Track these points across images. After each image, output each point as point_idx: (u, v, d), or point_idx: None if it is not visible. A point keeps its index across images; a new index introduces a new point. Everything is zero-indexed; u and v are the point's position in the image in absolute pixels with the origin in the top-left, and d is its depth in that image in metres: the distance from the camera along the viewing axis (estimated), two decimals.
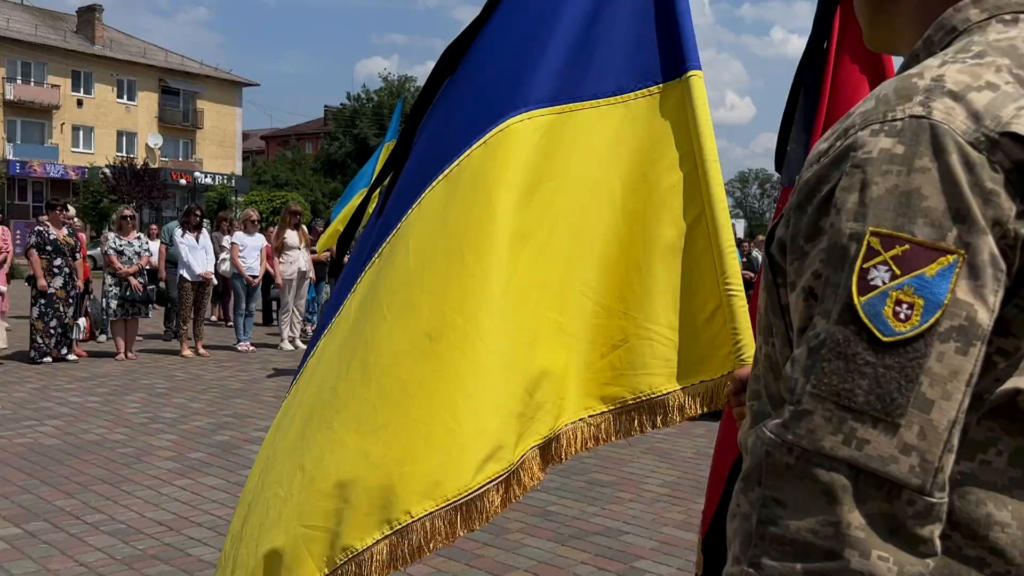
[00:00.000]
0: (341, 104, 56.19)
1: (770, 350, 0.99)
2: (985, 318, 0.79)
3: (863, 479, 0.78)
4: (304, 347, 10.09)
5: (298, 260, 11.73)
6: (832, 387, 0.80)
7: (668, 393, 1.84)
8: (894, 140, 0.82)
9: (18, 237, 23.65)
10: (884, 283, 0.80)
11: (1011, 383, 0.85)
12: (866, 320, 0.80)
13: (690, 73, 1.91)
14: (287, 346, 11.82)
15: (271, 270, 12.02)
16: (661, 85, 1.93)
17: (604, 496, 5.39)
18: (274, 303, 13.89)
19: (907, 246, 0.79)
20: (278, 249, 11.72)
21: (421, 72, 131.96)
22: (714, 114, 1.97)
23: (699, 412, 1.84)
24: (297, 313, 12.08)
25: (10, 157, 41.99)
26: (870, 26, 1.09)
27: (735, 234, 2.32)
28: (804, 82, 2.40)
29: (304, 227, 12.38)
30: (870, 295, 0.80)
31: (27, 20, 45.92)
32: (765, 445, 0.83)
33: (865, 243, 0.80)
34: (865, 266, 0.80)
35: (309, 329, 13.31)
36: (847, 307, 0.81)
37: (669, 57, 1.93)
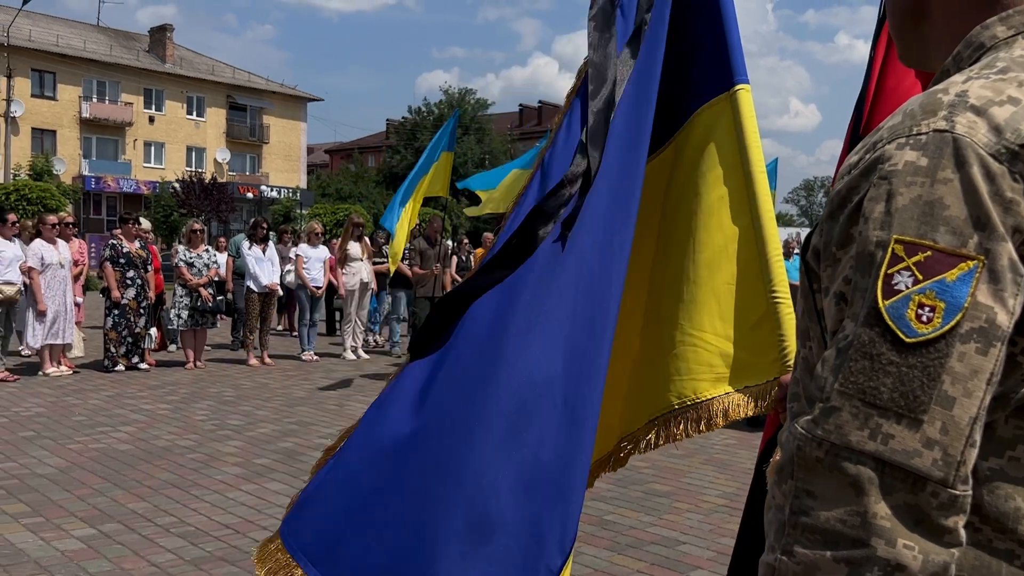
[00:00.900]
0: (403, 118, 56.91)
1: (807, 353, 1.03)
2: (1005, 320, 0.83)
3: (888, 472, 0.82)
4: (366, 356, 10.23)
5: (360, 271, 11.94)
6: (858, 385, 0.84)
7: (712, 398, 1.88)
8: (919, 153, 0.86)
9: (93, 250, 24.47)
10: (907, 287, 0.84)
11: None
12: (890, 322, 0.84)
13: (738, 87, 1.95)
14: (349, 355, 12.02)
15: (334, 281, 12.27)
16: (712, 101, 1.98)
17: (662, 506, 5.39)
18: (337, 313, 14.14)
19: (929, 252, 0.83)
20: (341, 260, 11.94)
21: (481, 84, 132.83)
22: (778, 121, 2.04)
23: (744, 416, 1.87)
24: (359, 323, 12.28)
25: (86, 173, 43.48)
26: (904, 44, 1.13)
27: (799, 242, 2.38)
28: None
29: (366, 239, 12.59)
30: (894, 299, 0.84)
31: (102, 41, 47.57)
32: (796, 440, 0.87)
33: (890, 250, 0.85)
34: (890, 272, 0.84)
35: (371, 339, 13.52)
36: (873, 310, 0.85)
37: (718, 72, 1.98)
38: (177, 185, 38.91)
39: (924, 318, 0.83)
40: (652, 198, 2.05)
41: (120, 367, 10.36)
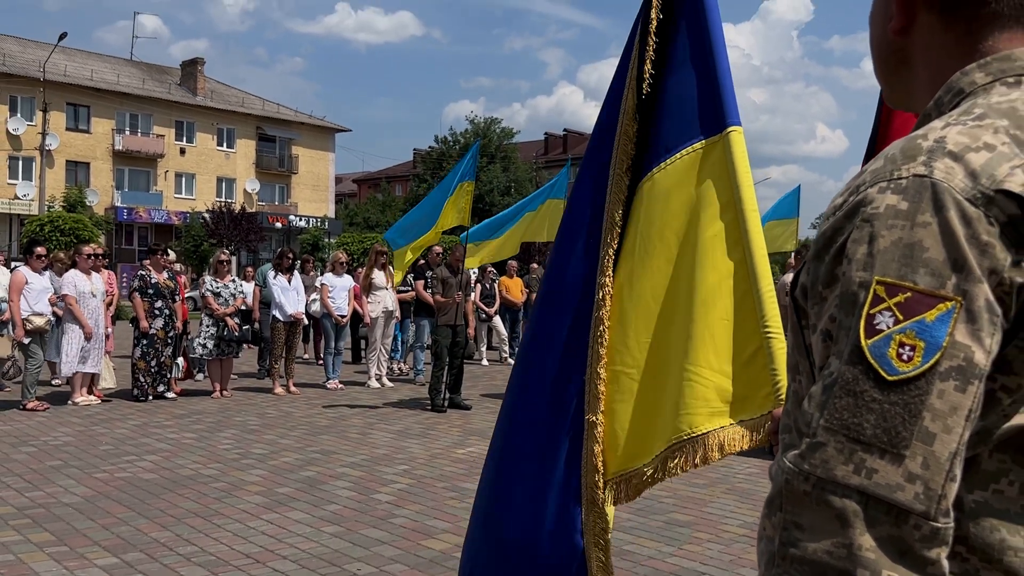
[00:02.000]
0: (429, 147, 57.39)
1: (797, 387, 1.07)
2: (982, 359, 0.86)
3: (872, 505, 0.84)
4: (390, 385, 10.33)
5: (385, 300, 12.03)
6: (843, 421, 0.87)
7: (708, 432, 1.90)
8: (899, 197, 0.89)
9: (124, 280, 24.83)
10: (889, 327, 0.87)
11: (1017, 419, 0.91)
12: (872, 361, 0.87)
13: (730, 129, 2.00)
14: (374, 384, 12.07)
15: (359, 309, 12.36)
16: (704, 141, 2.03)
17: (681, 536, 5.35)
18: (362, 342, 14.23)
19: (909, 294, 0.87)
20: (366, 289, 12.04)
21: (507, 113, 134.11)
22: (804, 147, 2.12)
23: (739, 450, 1.88)
24: (384, 351, 12.35)
25: (118, 204, 44.25)
26: (888, 88, 1.16)
27: None
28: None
29: (390, 267, 12.69)
30: (876, 338, 0.87)
31: (135, 75, 48.58)
32: (785, 474, 0.90)
33: (872, 291, 0.88)
34: (872, 312, 0.88)
35: (395, 367, 13.58)
36: (856, 348, 0.88)
37: (711, 114, 2.03)
38: (207, 215, 39.45)
39: (905, 357, 0.86)
40: (636, 232, 2.12)
41: (148, 396, 10.48)
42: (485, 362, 15.44)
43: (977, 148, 0.90)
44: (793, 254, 11.46)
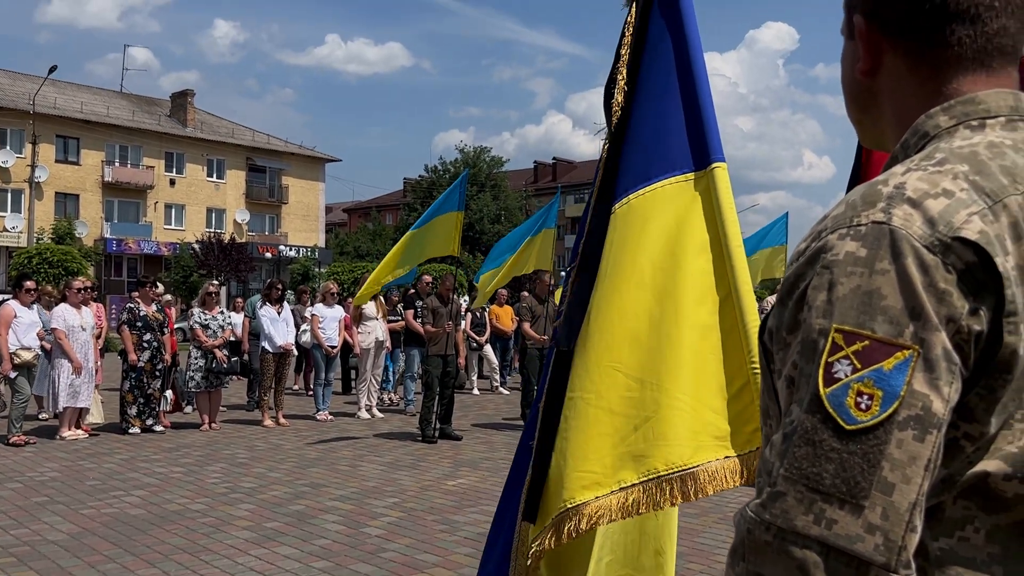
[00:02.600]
0: (419, 176, 57.62)
1: (768, 431, 1.06)
2: (940, 408, 0.85)
3: (833, 556, 0.83)
4: (380, 416, 10.30)
5: (375, 330, 12.00)
6: (802, 471, 0.87)
7: (698, 466, 1.88)
8: (858, 244, 0.89)
9: (113, 312, 24.72)
10: (847, 376, 0.86)
11: (981, 466, 0.91)
12: (831, 409, 0.86)
13: (715, 165, 2.01)
14: (364, 415, 12.01)
15: (350, 340, 12.33)
16: (689, 174, 2.04)
17: None
18: (353, 372, 14.18)
19: (867, 342, 0.86)
20: (356, 319, 12.02)
21: (496, 142, 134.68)
22: (792, 174, 2.14)
23: (729, 486, 1.87)
24: (374, 382, 12.31)
25: (107, 235, 44.15)
26: (859, 127, 1.17)
27: None
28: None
29: (381, 297, 12.67)
30: (834, 386, 0.87)
31: (125, 107, 48.68)
32: (747, 523, 0.90)
33: (830, 339, 0.88)
34: (830, 360, 0.87)
35: (386, 398, 13.52)
36: (815, 397, 0.88)
37: (695, 149, 2.04)
38: (197, 246, 39.39)
39: (863, 406, 0.85)
40: (608, 257, 2.12)
41: (136, 429, 10.40)
42: (476, 392, 15.39)
43: (935, 194, 0.90)
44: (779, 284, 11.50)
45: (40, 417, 11.44)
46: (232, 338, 11.70)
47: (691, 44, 2.14)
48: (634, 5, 2.24)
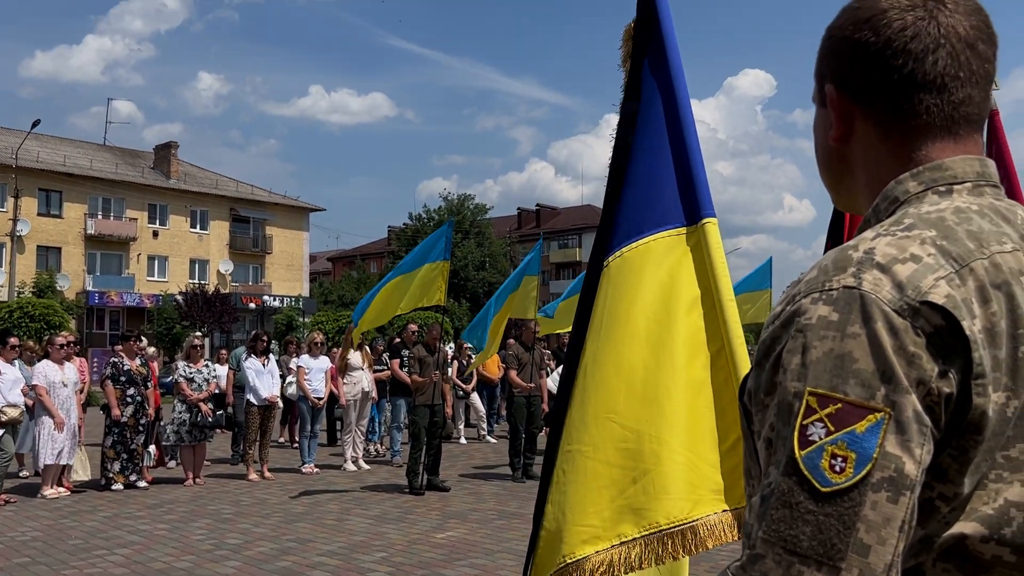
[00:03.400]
0: (404, 224, 57.79)
1: (751, 491, 1.07)
2: (913, 469, 0.87)
3: None
4: (367, 467, 10.22)
5: (361, 380, 11.94)
6: (780, 533, 0.88)
7: (698, 519, 1.89)
8: (830, 308, 0.92)
9: (95, 365, 24.49)
10: (820, 438, 0.88)
11: (957, 528, 0.93)
12: (806, 472, 0.88)
13: (706, 220, 2.05)
14: (350, 467, 11.90)
15: (335, 391, 12.25)
16: (681, 229, 2.08)
17: None
18: (338, 423, 14.06)
19: (840, 404, 0.88)
20: (342, 369, 11.95)
21: (480, 190, 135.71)
22: (773, 217, 2.18)
23: (728, 540, 1.87)
24: (360, 433, 12.21)
25: (90, 288, 43.90)
26: (833, 192, 1.21)
27: None
28: None
29: (367, 347, 12.63)
30: (809, 449, 0.89)
31: (108, 159, 48.75)
32: None
33: (804, 401, 0.90)
34: (804, 423, 0.89)
35: (372, 449, 13.40)
36: (790, 460, 0.90)
37: (686, 205, 2.08)
38: (180, 298, 39.20)
39: (837, 468, 0.87)
40: (604, 309, 2.14)
41: (118, 485, 10.25)
42: (463, 440, 15.29)
43: (904, 259, 0.93)
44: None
45: (21, 475, 11.26)
46: (216, 391, 11.60)
47: (681, 103, 2.20)
48: (628, 64, 2.31)
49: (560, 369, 13.30)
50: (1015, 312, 0.93)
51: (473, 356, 15.65)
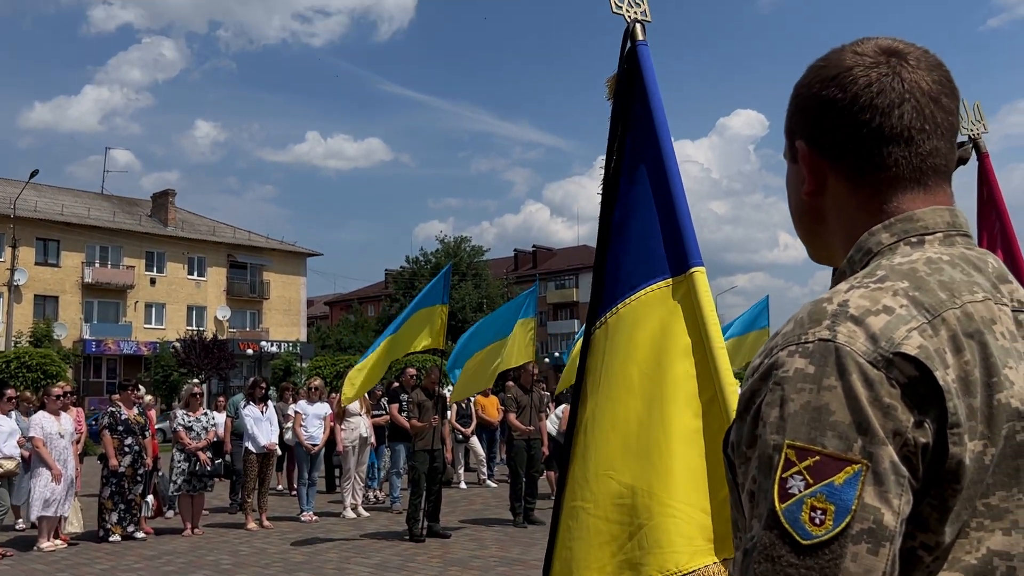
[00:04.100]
0: (401, 267, 57.97)
1: (738, 543, 1.08)
2: (891, 520, 0.88)
3: None
4: (366, 514, 10.12)
5: (359, 426, 11.88)
6: None
7: (695, 570, 1.89)
8: (806, 361, 0.93)
9: (92, 412, 24.34)
10: (800, 491, 0.89)
11: None
12: (787, 525, 0.89)
13: (694, 269, 2.08)
14: (349, 514, 11.79)
15: (335, 436, 12.16)
16: (669, 280, 2.10)
17: None
18: (337, 470, 13.96)
19: (818, 457, 0.89)
20: (339, 415, 11.90)
21: (476, 232, 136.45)
22: (768, 255, 2.20)
23: None
24: (359, 479, 12.12)
25: (87, 336, 43.80)
26: (808, 244, 1.23)
27: None
28: None
29: (365, 394, 12.58)
30: (789, 502, 0.90)
31: (106, 208, 48.94)
32: None
33: (783, 455, 0.91)
34: (784, 476, 0.90)
35: (371, 495, 13.28)
36: (771, 513, 0.91)
37: (673, 256, 2.11)
38: (178, 344, 39.11)
39: (817, 520, 0.88)
40: (601, 365, 2.16)
41: (116, 537, 10.15)
42: (463, 485, 15.17)
43: (877, 311, 0.94)
44: None
45: (17, 527, 11.15)
46: (215, 438, 11.54)
47: (666, 155, 2.23)
48: (616, 120, 2.36)
49: (559, 409, 13.24)
50: (988, 360, 0.94)
51: (472, 397, 15.58)
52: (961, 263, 1.02)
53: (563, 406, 12.79)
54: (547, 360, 53.50)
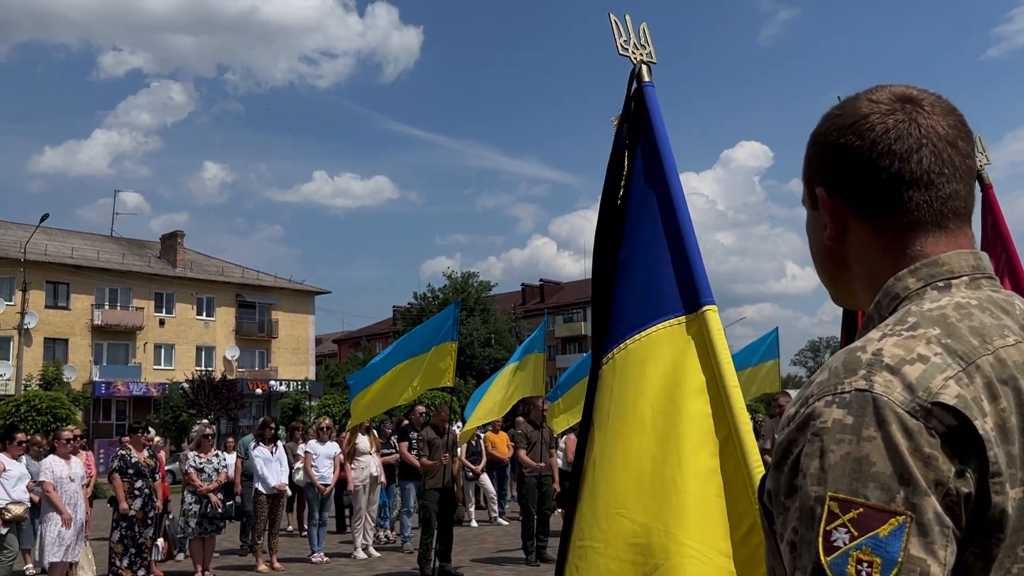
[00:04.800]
0: (408, 303, 57.96)
1: None
2: (938, 572, 0.87)
3: None
4: (377, 554, 10.01)
5: (369, 465, 11.83)
6: None
7: None
8: (844, 411, 0.93)
9: (102, 456, 24.31)
10: (845, 544, 0.89)
11: None
12: None
13: (705, 308, 2.07)
14: (360, 554, 11.70)
15: (345, 475, 12.10)
16: (681, 317, 2.10)
17: None
18: (347, 509, 13.87)
19: (861, 509, 0.89)
20: (349, 454, 11.85)
21: (483, 267, 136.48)
22: (776, 286, 2.20)
23: None
24: (370, 519, 12.04)
25: (96, 379, 43.83)
26: (832, 289, 1.23)
27: None
28: None
29: (374, 431, 12.55)
30: (834, 555, 0.89)
31: (115, 250, 49.22)
32: None
33: (826, 507, 0.91)
34: (828, 528, 0.90)
35: (382, 535, 13.18)
36: (816, 566, 0.90)
37: (685, 294, 2.11)
38: (187, 385, 39.09)
39: (864, 573, 0.87)
40: (610, 401, 2.15)
41: None
42: (474, 523, 15.05)
43: (912, 360, 0.94)
44: (778, 396, 11.49)
45: (27, 573, 11.08)
46: (226, 480, 11.51)
47: (674, 193, 2.25)
48: (625, 158, 2.37)
49: (563, 440, 13.12)
50: None
51: (483, 434, 15.52)
52: (990, 307, 1.03)
53: (567, 436, 12.73)
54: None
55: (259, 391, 47.17)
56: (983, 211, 3.84)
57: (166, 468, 12.36)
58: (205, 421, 12.02)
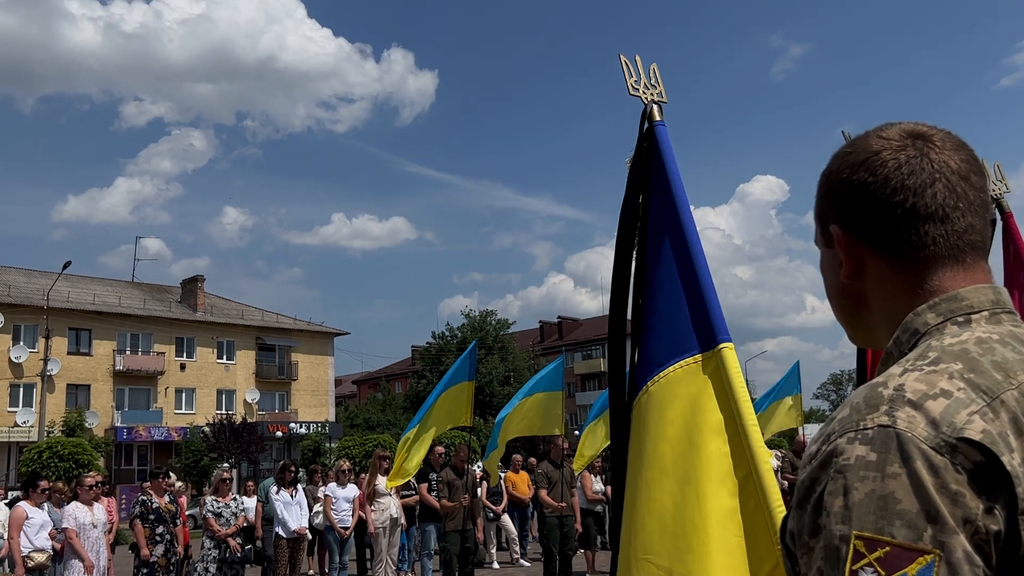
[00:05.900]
0: (427, 343, 58.01)
1: None
2: None
3: None
4: None
5: (389, 507, 11.76)
6: None
7: None
8: (867, 448, 0.91)
9: (124, 501, 24.31)
10: None
11: None
12: None
13: (722, 346, 2.06)
14: None
15: (364, 516, 12.05)
16: (697, 356, 2.10)
17: None
18: (367, 552, 13.78)
19: (888, 548, 0.87)
20: (369, 496, 11.80)
21: (500, 305, 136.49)
22: (796, 319, 2.19)
23: None
24: (390, 562, 11.94)
25: (118, 424, 44.00)
26: (848, 327, 1.22)
27: None
28: None
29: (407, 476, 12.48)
30: None
31: (136, 296, 49.68)
32: None
33: (852, 546, 0.88)
34: (854, 568, 0.88)
35: None
36: None
37: (700, 332, 2.10)
38: (207, 429, 39.15)
39: None
40: (636, 446, 2.15)
41: None
42: (496, 565, 14.88)
43: (935, 395, 0.92)
44: (800, 431, 11.39)
45: None
46: (245, 523, 11.48)
47: (688, 233, 2.25)
48: (640, 199, 2.40)
49: (578, 479, 12.97)
50: None
51: (503, 473, 15.41)
52: (1011, 341, 1.01)
53: (582, 474, 12.62)
54: (576, 432, 52.93)
55: (279, 433, 47.15)
56: (1004, 239, 3.82)
57: (187, 513, 12.34)
58: (225, 466, 12.05)
